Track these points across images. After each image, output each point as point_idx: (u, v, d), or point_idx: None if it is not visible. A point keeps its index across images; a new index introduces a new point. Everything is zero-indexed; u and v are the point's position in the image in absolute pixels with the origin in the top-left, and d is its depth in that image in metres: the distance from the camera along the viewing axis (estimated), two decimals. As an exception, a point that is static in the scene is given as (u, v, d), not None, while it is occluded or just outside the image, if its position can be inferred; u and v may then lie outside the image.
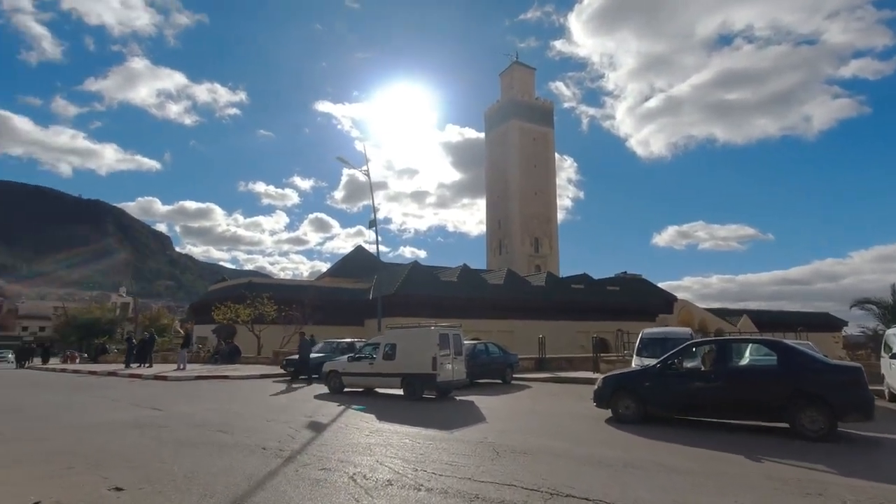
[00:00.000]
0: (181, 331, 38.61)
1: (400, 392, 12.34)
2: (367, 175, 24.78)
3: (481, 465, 5.53)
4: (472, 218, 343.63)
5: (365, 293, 41.11)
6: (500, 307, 41.01)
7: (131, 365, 24.03)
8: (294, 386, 15.33)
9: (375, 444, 6.66)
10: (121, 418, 8.88)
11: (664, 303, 52.46)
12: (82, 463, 5.57)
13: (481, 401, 11.69)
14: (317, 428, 7.88)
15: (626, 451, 6.27)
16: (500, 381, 16.15)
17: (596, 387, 9.13)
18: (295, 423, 8.33)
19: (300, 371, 16.96)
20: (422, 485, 4.73)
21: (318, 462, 5.59)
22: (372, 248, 34.43)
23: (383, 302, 24.77)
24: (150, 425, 8.06)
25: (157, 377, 18.06)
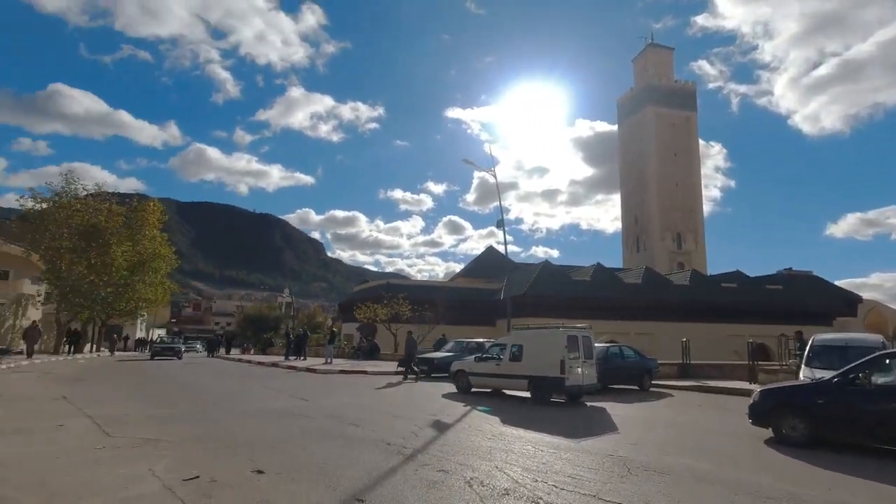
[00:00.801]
0: (333, 328, 42.56)
1: (527, 394, 12.03)
2: (494, 176, 24.86)
3: (608, 481, 5.05)
4: (606, 215, 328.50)
5: (496, 293, 41.30)
6: (638, 308, 38.31)
7: (289, 357, 27.06)
8: (402, 381, 16.03)
9: (496, 448, 6.50)
10: (275, 406, 9.92)
11: (844, 304, 44.52)
12: (238, 445, 6.26)
13: (614, 408, 10.88)
14: (440, 427, 7.96)
15: (793, 483, 5.25)
16: (636, 388, 14.95)
17: (752, 400, 7.89)
18: (419, 420, 8.52)
19: (405, 367, 17.62)
20: (540, 498, 4.44)
21: (437, 463, 5.59)
22: (501, 249, 34.49)
23: (513, 302, 24.58)
24: (297, 414, 8.86)
25: (308, 369, 20.06)
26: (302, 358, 26.74)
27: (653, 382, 15.55)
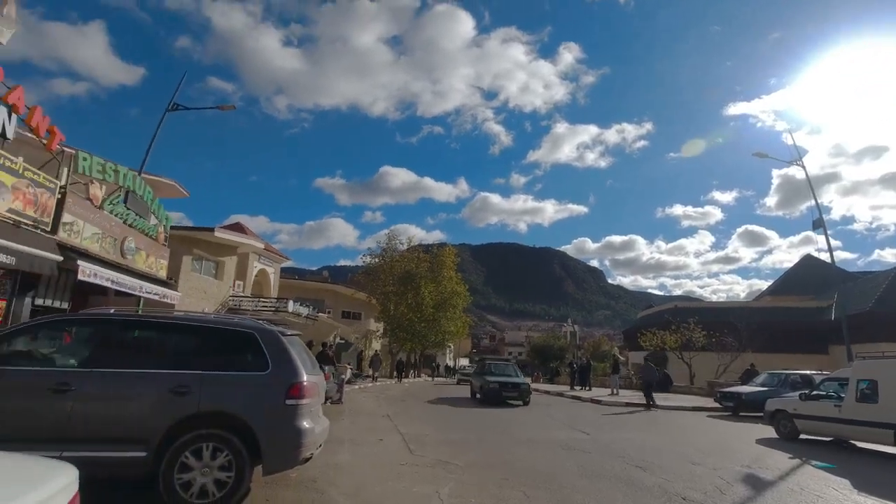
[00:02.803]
0: (620, 357, 40.67)
1: (892, 449, 8.64)
2: (803, 167, 20.06)
3: None
4: None
5: (822, 312, 32.52)
6: None
7: (574, 387, 26.75)
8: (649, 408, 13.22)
9: (846, 526, 4.68)
10: (555, 437, 9.70)
11: None
12: (515, 476, 6.22)
13: None
14: (756, 484, 6.30)
15: None
16: None
17: None
18: (727, 472, 6.94)
19: (647, 395, 17.26)
20: None
21: (749, 534, 4.32)
22: (824, 257, 27.24)
23: (851, 323, 18.74)
24: (576, 449, 8.41)
25: (592, 400, 19.30)
26: (587, 388, 26.09)
27: None
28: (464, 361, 67.75)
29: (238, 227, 30.16)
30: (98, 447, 4.31)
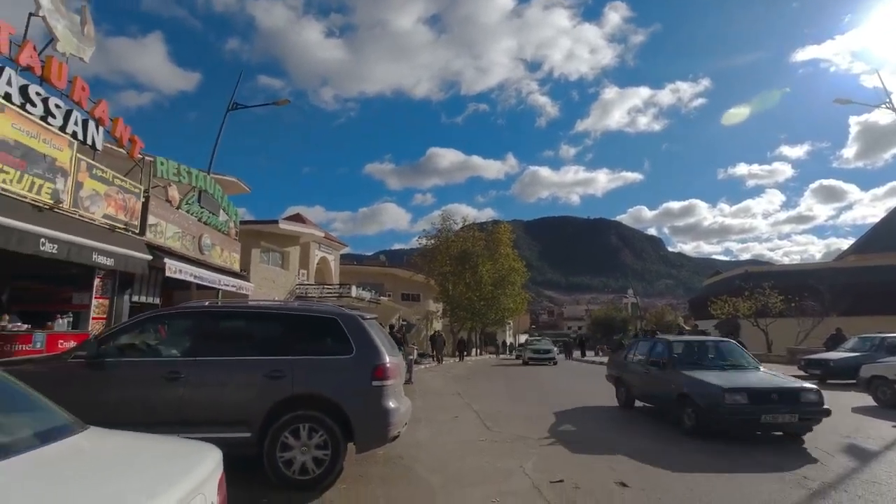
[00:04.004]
0: (686, 327, 39.22)
1: None
2: (892, 108, 18.19)
3: None
4: None
5: (921, 270, 29.80)
6: None
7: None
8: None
9: (973, 498, 4.33)
10: (629, 412, 9.54)
11: None
12: (596, 451, 6.19)
13: None
14: (859, 455, 5.95)
15: None
16: None
17: None
18: (826, 442, 6.58)
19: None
20: None
21: (862, 507, 4.10)
22: (920, 207, 24.90)
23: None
24: (659, 420, 8.24)
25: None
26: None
27: None
28: (523, 338, 67.68)
29: (298, 218, 31.30)
30: (209, 429, 4.65)
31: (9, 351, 7.65)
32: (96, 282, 9.38)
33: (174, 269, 10.85)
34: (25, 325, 8.20)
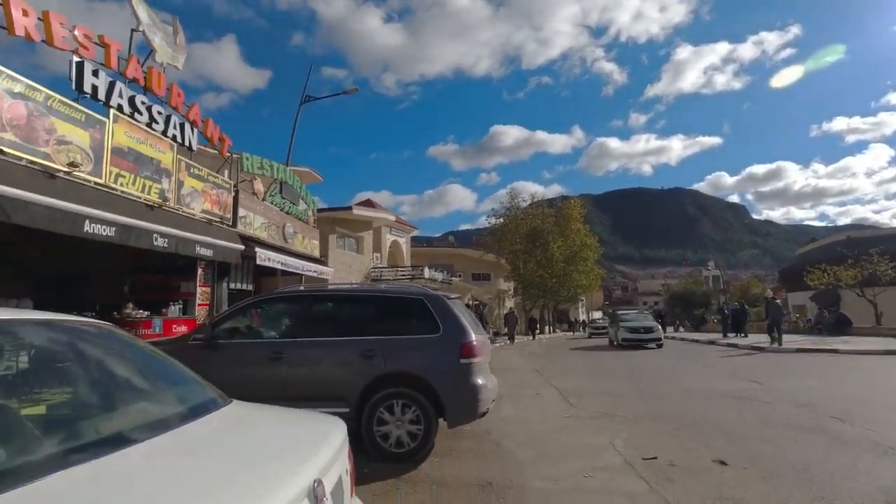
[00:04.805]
0: (776, 299, 36.57)
1: None
2: None
3: None
4: None
5: None
6: None
7: (727, 335, 24.75)
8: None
9: None
10: (721, 388, 9.13)
11: None
12: (688, 427, 6.03)
13: None
14: None
15: None
16: None
17: None
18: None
19: (773, 333, 17.14)
20: None
21: None
22: None
23: None
24: (749, 398, 7.85)
25: (752, 347, 17.72)
26: (742, 335, 23.97)
27: None
28: (596, 315, 66.02)
29: (369, 204, 32.23)
30: (311, 404, 5.01)
31: (134, 335, 8.59)
32: (199, 271, 10.28)
33: (264, 257, 11.62)
34: (146, 312, 9.18)
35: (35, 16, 6.60)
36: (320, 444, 1.79)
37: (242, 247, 10.87)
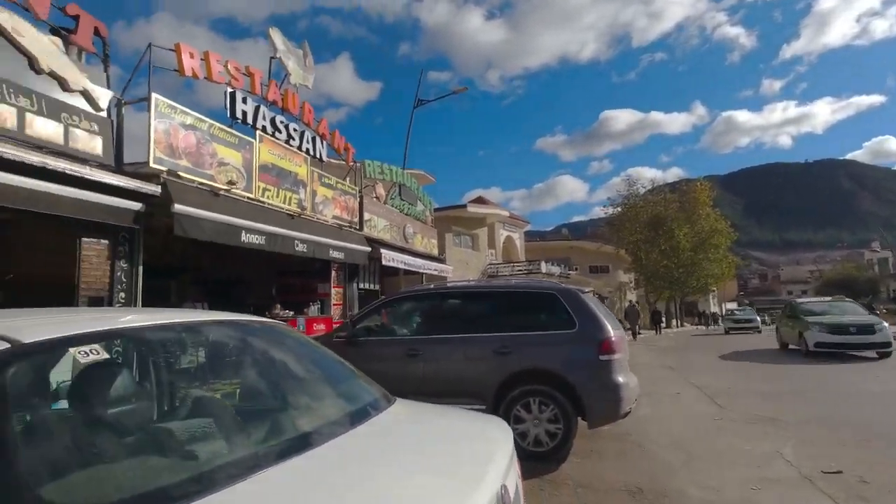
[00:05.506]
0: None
1: None
2: None
3: None
4: None
5: None
6: None
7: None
8: None
9: None
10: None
11: None
12: (875, 439, 5.17)
13: None
14: None
15: None
16: None
17: None
18: None
19: None
20: None
21: None
22: None
23: None
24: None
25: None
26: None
27: None
28: (731, 306, 59.83)
29: (480, 201, 32.48)
30: (447, 401, 5.14)
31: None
32: (333, 273, 11.12)
33: (388, 257, 12.23)
34: (291, 312, 10.14)
35: (198, 57, 7.60)
36: (496, 448, 1.76)
37: (369, 248, 11.55)
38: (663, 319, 34.87)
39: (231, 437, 1.52)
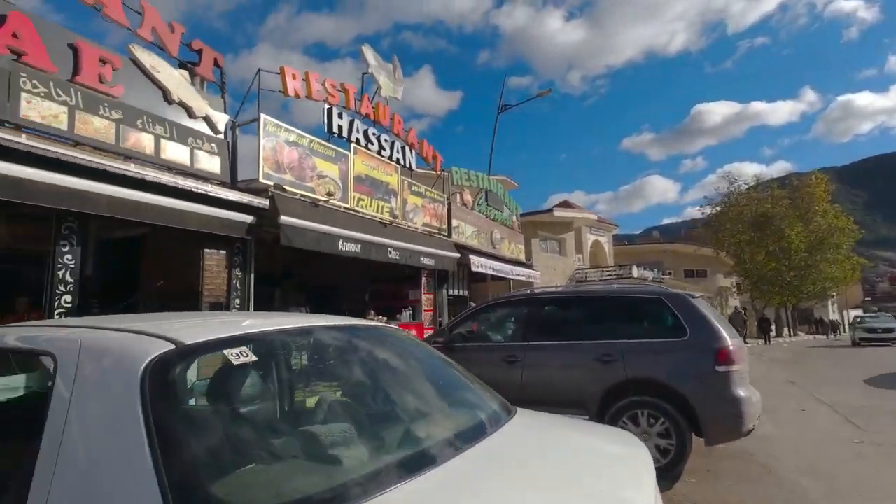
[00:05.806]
0: None
1: None
2: None
3: None
4: None
5: None
6: None
7: None
8: None
9: None
10: None
11: None
12: None
13: None
14: None
15: None
16: None
17: None
18: None
19: None
20: None
21: None
22: None
23: None
24: None
25: None
26: None
27: None
28: (855, 313, 53.03)
29: (566, 204, 31.66)
30: (549, 409, 4.98)
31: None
32: (423, 280, 11.32)
33: (477, 263, 12.25)
34: (384, 318, 10.46)
35: (300, 78, 8.15)
36: (643, 471, 1.63)
37: (458, 255, 11.64)
38: (772, 327, 31.71)
39: (370, 444, 1.54)
